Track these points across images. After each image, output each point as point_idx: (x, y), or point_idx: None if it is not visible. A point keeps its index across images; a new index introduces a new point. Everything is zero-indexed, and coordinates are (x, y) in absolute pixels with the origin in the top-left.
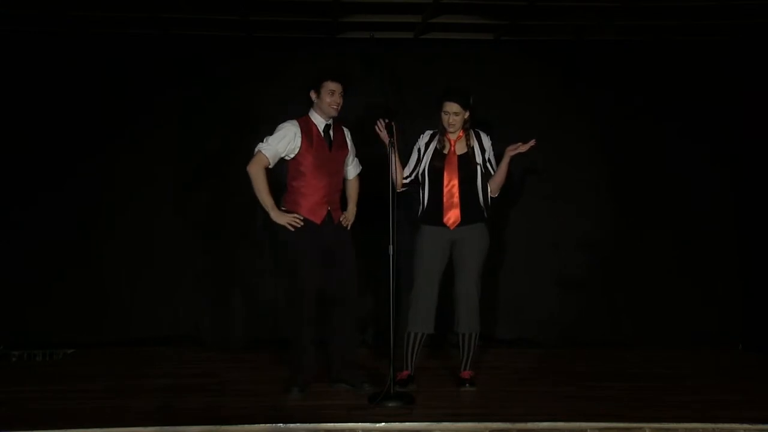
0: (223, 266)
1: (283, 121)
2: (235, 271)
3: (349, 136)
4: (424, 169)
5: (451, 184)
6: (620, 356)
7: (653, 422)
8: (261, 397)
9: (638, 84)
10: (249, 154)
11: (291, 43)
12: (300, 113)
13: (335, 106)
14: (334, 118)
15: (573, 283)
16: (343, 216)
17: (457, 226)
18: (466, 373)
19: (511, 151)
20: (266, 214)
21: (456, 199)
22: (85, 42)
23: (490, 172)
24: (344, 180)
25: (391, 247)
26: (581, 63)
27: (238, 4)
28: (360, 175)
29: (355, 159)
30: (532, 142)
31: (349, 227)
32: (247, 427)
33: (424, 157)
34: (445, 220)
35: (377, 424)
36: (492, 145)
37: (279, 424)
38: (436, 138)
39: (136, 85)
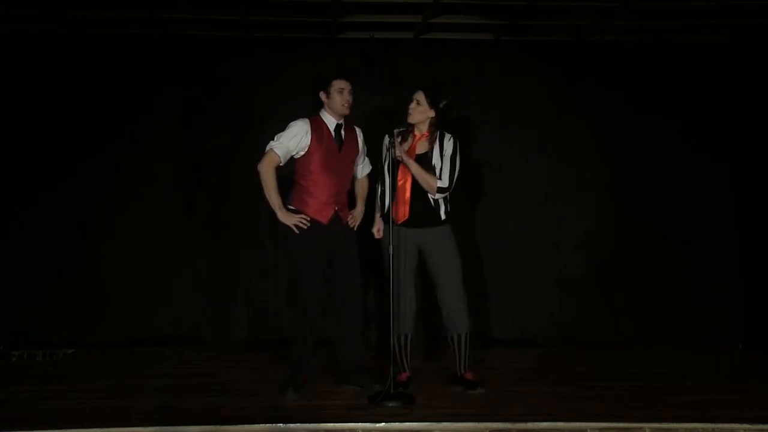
0: (223, 266)
1: (287, 120)
2: (235, 271)
3: (362, 136)
4: (385, 167)
5: (404, 180)
6: (620, 356)
7: (653, 422)
8: (261, 397)
9: (638, 84)
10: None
11: (291, 43)
12: (301, 112)
13: (346, 104)
14: (346, 119)
15: (573, 283)
16: (351, 216)
17: (413, 227)
18: (469, 375)
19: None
20: (273, 214)
21: (407, 196)
22: (85, 42)
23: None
24: (353, 179)
25: (390, 246)
26: (581, 63)
27: (238, 4)
28: (369, 175)
29: (366, 159)
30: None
31: (356, 227)
32: (247, 427)
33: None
34: (394, 214)
35: (377, 424)
36: (455, 150)
37: (279, 424)
38: (401, 135)
39: (136, 85)
